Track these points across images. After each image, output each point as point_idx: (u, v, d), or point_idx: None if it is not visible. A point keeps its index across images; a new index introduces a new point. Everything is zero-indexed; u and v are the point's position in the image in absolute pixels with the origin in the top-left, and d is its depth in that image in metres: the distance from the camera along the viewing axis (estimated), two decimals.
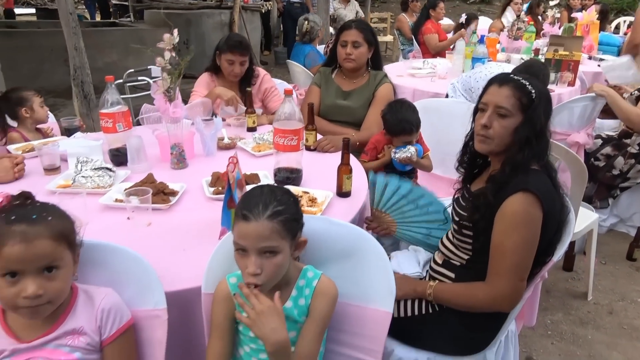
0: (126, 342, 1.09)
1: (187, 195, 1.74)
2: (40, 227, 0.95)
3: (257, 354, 1.15)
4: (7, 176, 1.80)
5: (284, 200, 1.08)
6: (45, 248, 0.95)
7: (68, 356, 1.02)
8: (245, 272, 1.06)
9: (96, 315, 1.05)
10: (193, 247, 1.42)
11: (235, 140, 2.24)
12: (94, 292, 1.09)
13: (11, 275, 0.94)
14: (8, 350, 1.00)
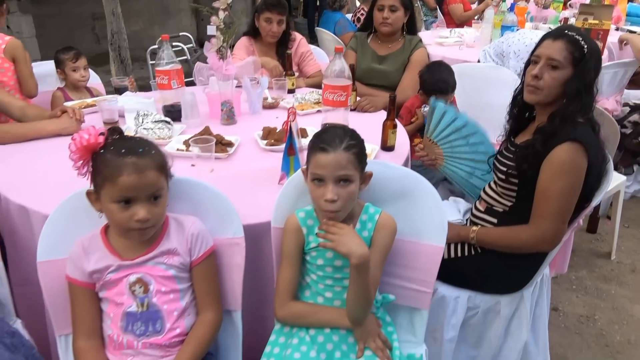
0: (210, 264, 1.22)
1: (242, 147, 1.86)
2: (147, 159, 1.08)
3: (323, 280, 1.28)
4: (72, 127, 1.93)
5: (354, 136, 1.21)
6: (153, 178, 1.08)
7: (165, 272, 1.16)
8: (321, 201, 1.18)
9: (187, 239, 1.18)
10: (255, 190, 1.55)
11: (279, 100, 2.34)
12: (183, 219, 1.22)
13: (125, 202, 1.07)
14: (114, 265, 1.14)
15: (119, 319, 1.13)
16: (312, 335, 1.25)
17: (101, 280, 1.14)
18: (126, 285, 1.13)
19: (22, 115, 2.02)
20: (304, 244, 1.28)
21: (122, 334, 1.13)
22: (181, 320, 1.18)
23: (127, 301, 1.13)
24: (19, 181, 1.54)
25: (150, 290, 1.14)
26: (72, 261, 1.15)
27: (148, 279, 1.14)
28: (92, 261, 1.14)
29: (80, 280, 1.14)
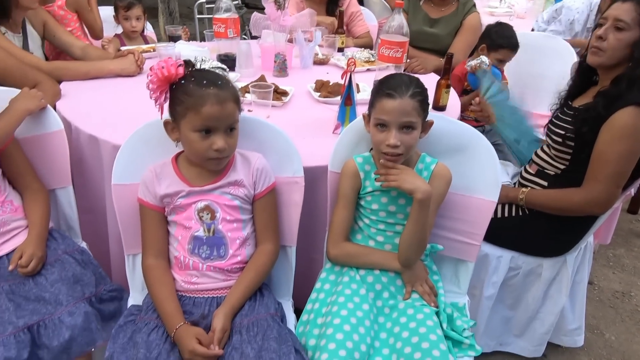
0: (272, 199, 1.27)
1: (295, 97, 1.89)
2: (227, 91, 1.12)
3: (375, 225, 1.32)
4: (131, 68, 1.99)
5: (419, 85, 1.22)
6: (231, 110, 1.13)
7: (230, 202, 1.22)
8: (383, 145, 1.21)
9: (252, 172, 1.24)
10: (310, 137, 1.59)
11: (329, 57, 2.35)
12: (249, 154, 1.27)
13: (206, 132, 1.12)
14: (185, 191, 1.20)
15: (186, 241, 1.20)
16: (362, 275, 1.31)
17: (171, 204, 1.21)
18: (194, 210, 1.20)
19: (84, 55, 2.10)
20: (360, 188, 1.33)
21: (188, 256, 1.20)
22: (242, 249, 1.24)
23: (194, 226, 1.20)
24: (89, 113, 1.62)
25: (216, 218, 1.20)
26: (145, 185, 1.22)
27: (215, 207, 1.20)
28: (164, 186, 1.20)
29: (151, 203, 1.21)
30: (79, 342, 1.17)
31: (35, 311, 1.17)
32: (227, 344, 1.10)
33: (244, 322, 1.13)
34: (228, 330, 1.11)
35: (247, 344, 1.07)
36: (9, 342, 1.10)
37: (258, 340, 1.08)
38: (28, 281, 1.23)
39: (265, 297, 1.22)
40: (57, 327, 1.16)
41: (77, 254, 1.35)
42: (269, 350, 1.05)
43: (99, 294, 1.29)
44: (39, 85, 1.61)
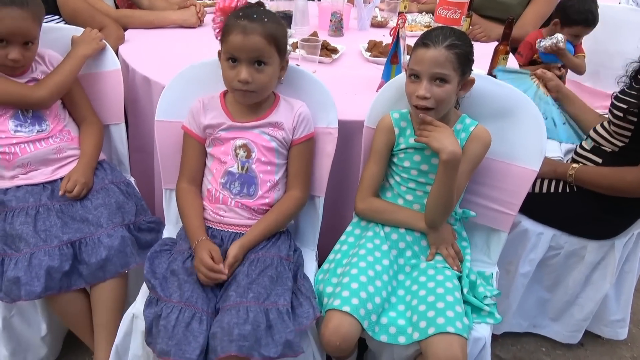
0: (308, 147, 1.29)
1: (346, 56, 1.88)
2: (257, 25, 1.14)
3: (406, 183, 1.30)
4: (191, 19, 2.07)
5: (462, 38, 1.17)
6: (257, 43, 1.15)
7: (268, 143, 1.25)
8: (413, 97, 1.19)
9: (294, 117, 1.26)
10: (353, 93, 1.58)
11: (388, 20, 2.30)
12: (293, 101, 1.29)
13: (232, 61, 1.16)
14: (226, 124, 1.25)
15: (220, 175, 1.25)
16: (387, 232, 1.30)
17: (212, 135, 1.26)
18: (232, 146, 1.25)
19: (150, 6, 2.19)
20: (393, 145, 1.31)
21: (220, 190, 1.26)
22: (272, 192, 1.27)
23: (230, 161, 1.25)
24: (146, 58, 1.70)
25: (252, 157, 1.24)
26: (192, 114, 1.27)
27: (252, 146, 1.24)
28: (208, 117, 1.25)
29: (194, 132, 1.27)
30: (114, 262, 1.27)
31: (79, 230, 1.28)
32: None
33: (251, 257, 1.18)
34: (239, 260, 1.16)
35: (244, 275, 1.13)
36: (54, 253, 1.22)
37: (253, 274, 1.13)
38: (76, 204, 1.34)
39: (280, 241, 1.25)
40: (96, 246, 1.26)
41: (123, 185, 1.44)
42: (259, 285, 1.10)
43: (138, 223, 1.38)
44: (105, 29, 1.71)
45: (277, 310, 1.07)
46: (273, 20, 1.18)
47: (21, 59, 1.30)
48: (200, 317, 1.06)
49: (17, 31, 1.27)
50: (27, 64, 1.36)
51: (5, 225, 1.27)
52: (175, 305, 1.08)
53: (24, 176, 1.38)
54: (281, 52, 1.20)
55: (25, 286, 1.17)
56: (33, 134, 1.38)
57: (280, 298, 1.10)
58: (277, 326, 1.04)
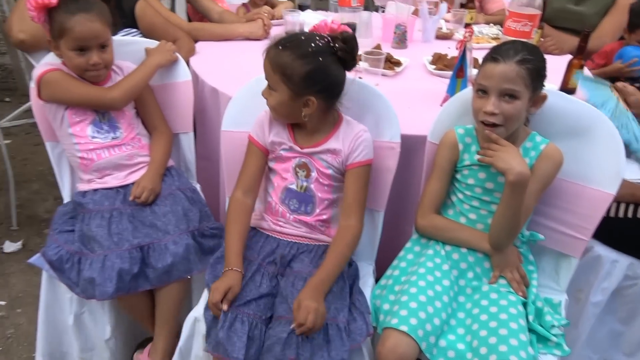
0: (364, 174, 1.25)
1: (409, 68, 1.86)
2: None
3: (469, 201, 1.26)
4: (259, 32, 2.13)
5: (534, 52, 1.12)
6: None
7: (325, 170, 1.25)
8: (480, 113, 1.15)
9: (351, 141, 1.23)
10: (416, 107, 1.56)
11: (453, 32, 2.25)
12: (355, 125, 1.26)
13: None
14: (287, 145, 1.26)
15: (280, 190, 1.27)
16: (448, 250, 1.26)
17: (274, 152, 1.28)
18: (292, 165, 1.26)
19: (220, 19, 2.28)
20: (457, 161, 1.27)
21: (279, 204, 1.28)
22: (329, 209, 1.28)
23: (290, 179, 1.26)
24: (215, 69, 1.77)
25: (310, 177, 1.25)
26: (258, 124, 1.29)
27: (311, 167, 1.25)
28: (272, 133, 1.27)
29: (259, 142, 1.28)
30: (178, 268, 1.32)
31: (148, 235, 1.34)
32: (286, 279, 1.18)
33: (313, 271, 1.17)
34: (318, 310, 1.07)
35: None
36: (124, 256, 1.28)
37: (295, 292, 1.12)
38: (146, 209, 1.41)
39: None
40: (163, 252, 1.31)
41: (189, 192, 1.50)
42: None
43: (202, 229, 1.42)
44: (178, 41, 1.80)
45: (337, 327, 1.07)
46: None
47: (100, 62, 1.39)
48: (243, 319, 1.09)
49: (90, 36, 1.35)
50: (107, 66, 1.44)
51: (83, 226, 1.35)
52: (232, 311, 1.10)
53: (100, 180, 1.46)
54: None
55: (99, 287, 1.24)
56: (108, 141, 1.46)
57: (339, 314, 1.09)
58: (335, 342, 1.04)
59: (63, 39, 1.35)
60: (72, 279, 1.32)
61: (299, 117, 1.20)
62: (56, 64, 1.44)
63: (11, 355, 1.63)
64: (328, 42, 1.17)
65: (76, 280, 1.31)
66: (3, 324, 1.75)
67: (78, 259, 1.31)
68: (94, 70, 1.40)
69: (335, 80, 1.19)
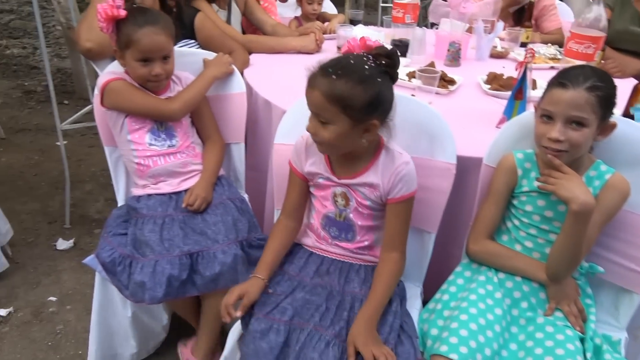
0: (406, 207, 1.20)
1: (463, 87, 1.83)
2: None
3: (526, 228, 1.22)
4: (311, 46, 2.15)
5: (604, 79, 1.08)
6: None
7: (363, 200, 1.21)
8: (544, 139, 1.11)
9: (392, 176, 1.17)
10: (470, 127, 1.52)
11: (508, 50, 2.21)
12: (396, 154, 1.19)
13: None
14: (325, 175, 1.23)
15: (320, 216, 1.26)
16: (501, 278, 1.22)
17: (312, 181, 1.26)
18: (331, 193, 1.23)
19: (273, 32, 2.32)
20: (514, 186, 1.23)
21: (320, 229, 1.27)
22: (370, 234, 1.26)
23: (329, 206, 1.24)
24: (268, 82, 1.79)
25: (349, 206, 1.22)
26: (296, 151, 1.26)
27: (350, 196, 1.22)
28: (309, 162, 1.24)
29: (297, 170, 1.27)
30: (225, 278, 1.33)
31: (197, 242, 1.36)
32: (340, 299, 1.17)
33: (360, 292, 1.17)
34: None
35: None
36: (175, 262, 1.30)
37: (345, 313, 1.12)
38: (197, 216, 1.43)
39: None
40: (211, 260, 1.33)
41: (238, 202, 1.52)
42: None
43: (250, 240, 1.44)
44: (233, 53, 1.84)
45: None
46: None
47: (162, 73, 1.43)
48: (279, 328, 1.09)
49: (155, 48, 1.40)
50: (168, 77, 1.49)
51: (135, 230, 1.39)
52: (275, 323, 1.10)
53: (154, 186, 1.50)
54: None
55: (149, 291, 1.27)
56: (164, 148, 1.50)
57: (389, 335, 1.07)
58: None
59: (129, 49, 1.40)
60: (122, 281, 1.35)
61: (357, 146, 1.14)
62: (119, 72, 1.49)
63: (60, 350, 1.69)
64: (374, 60, 1.09)
65: (126, 283, 1.34)
66: (53, 319, 1.81)
67: (129, 262, 1.35)
68: (155, 81, 1.45)
69: (391, 98, 1.15)
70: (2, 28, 5.45)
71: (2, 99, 3.71)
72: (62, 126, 2.21)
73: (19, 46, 4.90)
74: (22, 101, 3.71)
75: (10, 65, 4.37)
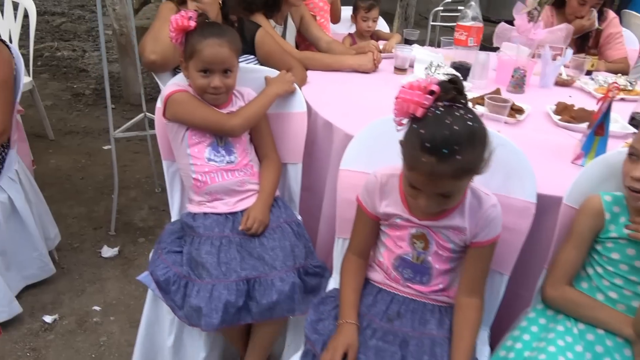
0: (490, 251, 1.14)
1: (530, 117, 1.75)
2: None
3: (611, 278, 1.13)
4: (368, 65, 2.10)
5: None
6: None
7: (445, 243, 1.15)
8: (628, 177, 1.05)
9: (479, 221, 1.11)
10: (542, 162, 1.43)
11: (574, 79, 2.11)
12: (482, 197, 1.12)
13: None
14: (403, 216, 1.16)
15: (393, 257, 1.19)
16: (581, 329, 1.13)
17: (388, 221, 1.19)
18: (408, 235, 1.16)
19: (328, 49, 2.28)
20: (600, 231, 1.15)
21: (391, 269, 1.20)
22: (446, 277, 1.18)
23: (405, 248, 1.17)
24: (327, 101, 1.74)
25: (429, 249, 1.15)
26: (367, 190, 1.18)
27: (430, 238, 1.15)
28: (384, 203, 1.16)
29: (368, 209, 1.20)
30: (281, 307, 1.28)
31: (255, 268, 1.32)
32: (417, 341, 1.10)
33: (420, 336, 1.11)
34: None
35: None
36: (231, 288, 1.26)
37: (425, 356, 1.05)
38: (254, 240, 1.39)
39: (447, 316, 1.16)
40: (269, 288, 1.28)
41: (294, 225, 1.47)
42: None
43: (306, 267, 1.38)
44: (292, 70, 1.80)
45: None
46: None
47: (222, 86, 1.41)
48: None
49: (217, 60, 1.38)
50: (228, 91, 1.46)
51: (192, 249, 1.36)
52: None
53: (210, 204, 1.47)
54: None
55: (205, 317, 1.22)
56: (223, 165, 1.47)
57: None
58: None
59: (192, 59, 1.39)
60: (176, 301, 1.32)
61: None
62: (183, 85, 1.48)
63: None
64: (451, 102, 0.98)
65: (180, 303, 1.31)
66: (97, 330, 1.79)
67: (185, 283, 1.31)
68: (213, 94, 1.43)
69: None
70: (53, 30, 5.62)
71: (52, 101, 3.79)
72: (115, 134, 2.21)
73: (69, 48, 5.04)
74: (70, 103, 3.79)
75: (60, 67, 4.48)
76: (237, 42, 1.45)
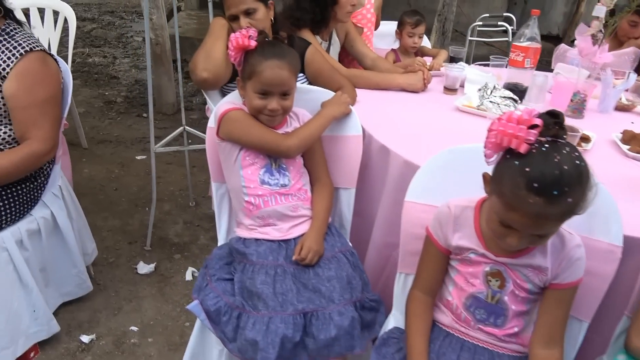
0: (572, 294, 1.07)
1: (597, 146, 1.65)
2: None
3: None
4: (417, 85, 2.03)
5: None
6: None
7: (522, 283, 1.07)
8: None
9: (562, 261, 1.05)
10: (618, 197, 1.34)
11: (635, 104, 2.01)
12: (567, 237, 1.06)
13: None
14: (479, 251, 1.09)
15: (464, 295, 1.12)
16: None
17: (459, 255, 1.12)
18: (483, 272, 1.09)
19: (373, 66, 2.22)
20: None
21: (462, 309, 1.12)
22: (521, 319, 1.11)
23: (478, 286, 1.10)
24: (380, 123, 1.67)
25: (505, 288, 1.08)
26: (439, 221, 1.13)
27: (507, 276, 1.07)
28: (457, 236, 1.11)
29: (439, 242, 1.13)
30: (341, 343, 1.20)
31: (311, 300, 1.25)
32: None
33: None
34: None
35: None
36: (289, 322, 1.19)
37: None
38: (309, 270, 1.32)
39: None
40: (327, 322, 1.21)
41: (349, 255, 1.40)
42: None
43: (362, 300, 1.31)
44: (342, 89, 1.74)
45: None
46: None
47: (279, 109, 1.36)
48: None
49: (276, 82, 1.33)
50: (285, 113, 1.41)
51: (244, 278, 1.29)
52: None
53: (261, 229, 1.41)
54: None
55: (261, 352, 1.16)
56: (277, 188, 1.41)
57: None
58: None
59: (251, 80, 1.35)
60: (226, 333, 1.25)
61: None
62: (238, 103, 1.43)
63: None
64: (556, 136, 0.93)
65: (231, 335, 1.24)
66: (135, 352, 1.74)
67: (238, 314, 1.25)
68: (270, 115, 1.37)
69: None
70: (84, 36, 5.67)
71: (85, 108, 3.79)
72: (156, 149, 2.18)
73: (99, 55, 5.07)
74: (102, 111, 3.78)
75: (92, 74, 4.50)
76: (297, 64, 1.40)
